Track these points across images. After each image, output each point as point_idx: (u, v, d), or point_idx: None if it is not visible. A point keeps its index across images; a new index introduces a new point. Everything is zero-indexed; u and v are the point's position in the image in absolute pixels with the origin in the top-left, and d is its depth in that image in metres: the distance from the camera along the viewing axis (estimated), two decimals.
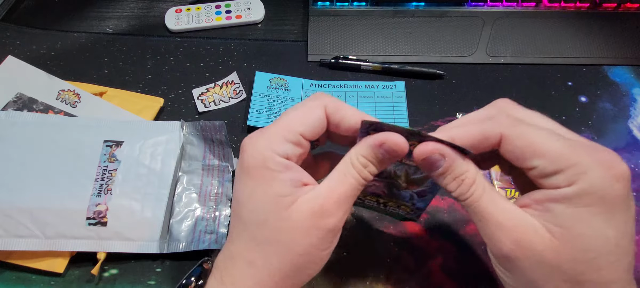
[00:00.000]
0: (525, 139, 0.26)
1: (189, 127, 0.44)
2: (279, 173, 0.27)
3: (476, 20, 0.57)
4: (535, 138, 0.26)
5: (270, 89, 0.50)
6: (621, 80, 0.53)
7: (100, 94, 0.48)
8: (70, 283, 0.37)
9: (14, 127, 0.41)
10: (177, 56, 0.54)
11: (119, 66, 0.53)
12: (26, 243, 0.36)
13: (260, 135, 0.28)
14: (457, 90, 0.52)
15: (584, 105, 0.51)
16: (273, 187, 0.27)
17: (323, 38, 0.56)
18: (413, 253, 0.39)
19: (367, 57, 0.54)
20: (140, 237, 0.38)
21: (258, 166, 0.27)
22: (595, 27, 0.56)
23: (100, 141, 0.41)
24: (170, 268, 0.38)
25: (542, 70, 0.54)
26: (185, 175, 0.42)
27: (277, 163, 0.27)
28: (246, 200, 0.28)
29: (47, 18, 0.58)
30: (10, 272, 0.38)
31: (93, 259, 0.37)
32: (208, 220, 0.40)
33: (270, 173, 0.27)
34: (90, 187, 0.38)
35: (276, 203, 0.27)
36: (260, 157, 0.27)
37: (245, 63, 0.54)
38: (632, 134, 0.48)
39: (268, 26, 0.59)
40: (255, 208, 0.27)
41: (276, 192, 0.27)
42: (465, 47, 0.55)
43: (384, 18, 0.57)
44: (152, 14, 0.59)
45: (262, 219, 0.27)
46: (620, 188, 0.25)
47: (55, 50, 0.54)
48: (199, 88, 0.51)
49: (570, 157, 0.25)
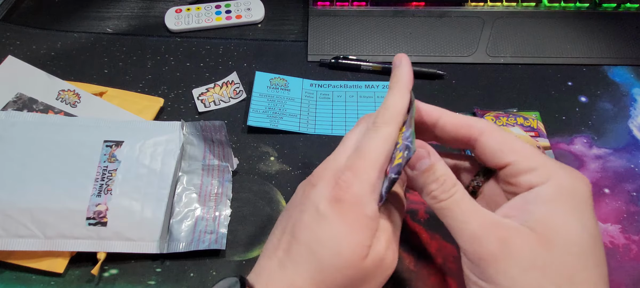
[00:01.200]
0: (503, 137, 0.29)
1: (189, 127, 0.44)
2: (372, 221, 0.28)
3: (476, 20, 0.57)
4: (511, 138, 0.29)
5: (270, 88, 0.50)
6: (621, 80, 0.53)
7: (100, 94, 0.48)
8: (70, 283, 0.37)
9: (14, 127, 0.41)
10: (177, 56, 0.54)
11: (119, 66, 0.53)
12: (26, 243, 0.36)
13: (355, 175, 0.28)
14: (457, 90, 0.52)
15: (584, 105, 0.51)
16: (360, 233, 0.27)
17: (323, 38, 0.56)
18: (413, 253, 0.39)
19: (367, 57, 0.54)
20: (140, 237, 0.38)
21: (354, 210, 0.27)
22: (595, 27, 0.56)
23: (100, 141, 0.41)
24: (170, 268, 0.38)
25: (542, 70, 0.54)
26: (185, 175, 0.42)
27: (374, 211, 0.28)
28: (327, 240, 0.27)
29: (47, 18, 0.58)
30: (10, 272, 0.38)
31: (93, 259, 0.37)
32: (208, 220, 0.40)
33: (368, 221, 0.27)
34: (90, 187, 0.38)
35: (358, 253, 0.27)
36: (358, 201, 0.27)
37: (245, 63, 0.54)
38: (632, 134, 0.48)
39: (268, 26, 0.59)
40: (339, 252, 0.27)
41: (360, 241, 0.27)
42: (465, 47, 0.55)
43: (384, 18, 0.57)
44: (152, 14, 0.59)
45: (342, 265, 0.27)
46: (586, 190, 0.27)
47: (55, 50, 0.54)
48: (199, 88, 0.51)
49: (542, 158, 0.28)
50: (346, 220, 0.27)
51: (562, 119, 0.49)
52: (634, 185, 0.44)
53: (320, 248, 0.27)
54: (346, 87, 0.52)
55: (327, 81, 0.52)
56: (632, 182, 0.45)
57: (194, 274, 0.38)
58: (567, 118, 0.49)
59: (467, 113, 0.48)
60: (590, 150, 0.47)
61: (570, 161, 0.46)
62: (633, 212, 0.42)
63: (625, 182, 0.44)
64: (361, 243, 0.27)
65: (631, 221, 0.42)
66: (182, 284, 0.37)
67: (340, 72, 0.54)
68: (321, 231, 0.27)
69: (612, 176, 0.45)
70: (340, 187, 0.27)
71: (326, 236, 0.27)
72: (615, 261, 0.39)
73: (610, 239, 0.41)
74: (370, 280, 0.28)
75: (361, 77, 0.53)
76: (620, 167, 0.46)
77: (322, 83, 0.52)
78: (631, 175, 0.45)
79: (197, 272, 0.38)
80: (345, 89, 0.51)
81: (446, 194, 0.27)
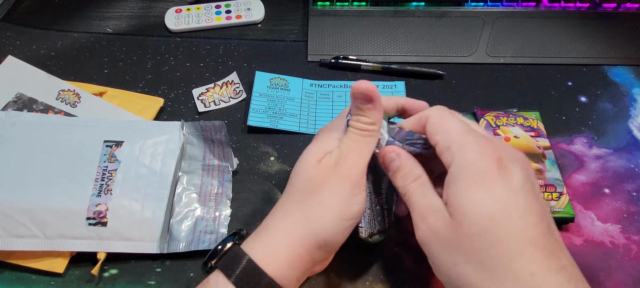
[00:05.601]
0: (438, 118, 0.31)
1: (189, 127, 0.44)
2: (331, 141, 0.34)
3: (476, 20, 0.57)
4: (445, 120, 0.31)
5: (270, 88, 0.50)
6: (621, 80, 0.53)
7: (100, 94, 0.48)
8: (70, 283, 0.37)
9: (14, 127, 0.41)
10: (177, 56, 0.54)
11: (119, 66, 0.53)
12: (26, 243, 0.36)
13: None
14: (457, 90, 0.52)
15: (584, 105, 0.51)
16: (318, 148, 0.33)
17: (323, 38, 0.56)
18: (413, 253, 0.39)
19: (367, 57, 0.54)
20: (140, 237, 0.38)
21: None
22: (595, 27, 0.56)
23: (100, 141, 0.41)
24: (170, 268, 0.38)
25: (542, 70, 0.54)
26: (185, 175, 0.42)
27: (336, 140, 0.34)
28: (298, 162, 0.34)
29: (47, 18, 0.58)
30: (10, 272, 0.38)
31: (93, 259, 0.37)
32: (208, 220, 0.40)
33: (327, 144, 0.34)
34: (90, 187, 0.38)
35: (313, 165, 0.32)
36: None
37: (245, 63, 0.54)
38: (632, 134, 0.48)
39: (268, 26, 0.59)
40: (301, 160, 0.33)
41: (315, 152, 0.33)
42: (465, 47, 0.55)
43: (384, 18, 0.57)
44: (152, 14, 0.59)
45: (303, 177, 0.33)
46: (494, 167, 0.28)
47: (55, 50, 0.54)
48: (199, 88, 0.51)
49: (460, 138, 0.29)
50: (314, 143, 0.34)
51: (562, 119, 0.49)
52: (634, 185, 0.44)
53: (293, 172, 0.34)
54: (346, 87, 0.52)
55: (327, 81, 0.52)
56: (632, 182, 0.45)
57: (194, 274, 0.38)
58: (567, 118, 0.49)
59: (468, 113, 0.48)
60: (590, 150, 0.47)
61: (571, 161, 0.46)
62: (633, 212, 0.42)
63: (625, 182, 0.44)
64: (317, 153, 0.33)
65: (631, 221, 0.42)
66: (182, 284, 0.37)
67: (340, 72, 0.54)
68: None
69: (612, 176, 0.45)
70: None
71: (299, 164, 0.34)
72: (615, 261, 0.39)
73: (610, 239, 0.41)
74: (327, 184, 0.31)
75: (361, 77, 0.53)
76: (620, 167, 0.46)
77: (322, 83, 0.52)
78: (631, 175, 0.45)
79: (197, 272, 0.38)
80: (346, 89, 0.51)
81: (405, 188, 0.32)
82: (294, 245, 0.31)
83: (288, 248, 0.31)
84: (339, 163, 0.32)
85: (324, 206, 0.31)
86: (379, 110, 0.32)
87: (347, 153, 0.32)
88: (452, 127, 0.30)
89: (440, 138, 0.30)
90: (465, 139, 0.29)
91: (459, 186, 0.28)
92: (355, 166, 0.32)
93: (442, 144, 0.30)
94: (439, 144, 0.30)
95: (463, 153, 0.29)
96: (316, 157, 0.33)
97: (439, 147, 0.30)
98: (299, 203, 0.32)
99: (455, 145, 0.29)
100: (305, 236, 0.31)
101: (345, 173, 0.31)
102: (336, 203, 0.31)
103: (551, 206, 0.41)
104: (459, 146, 0.29)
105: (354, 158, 0.32)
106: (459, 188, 0.28)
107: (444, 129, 0.30)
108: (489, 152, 0.28)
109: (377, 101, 0.32)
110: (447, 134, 0.30)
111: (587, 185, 0.44)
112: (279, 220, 0.32)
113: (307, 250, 0.31)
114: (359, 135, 0.32)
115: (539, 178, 0.42)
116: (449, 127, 0.30)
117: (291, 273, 0.31)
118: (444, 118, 0.31)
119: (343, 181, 0.31)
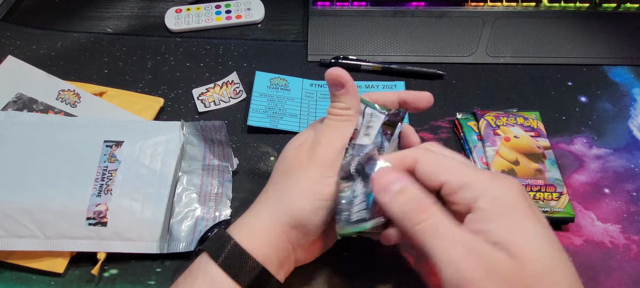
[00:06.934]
0: (434, 159, 0.30)
1: (189, 127, 0.44)
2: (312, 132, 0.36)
3: (476, 20, 0.57)
4: (443, 159, 0.30)
5: (270, 88, 0.50)
6: (621, 80, 0.53)
7: (100, 94, 0.48)
8: (70, 283, 0.37)
9: (14, 127, 0.41)
10: (177, 56, 0.54)
11: (119, 66, 0.53)
12: (26, 243, 0.36)
13: None
14: (457, 90, 0.52)
15: (584, 105, 0.51)
16: (301, 137, 0.36)
17: (323, 38, 0.56)
18: (413, 253, 0.39)
19: (367, 57, 0.54)
20: (140, 237, 0.38)
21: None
22: (595, 27, 0.56)
23: (100, 141, 0.41)
24: (170, 268, 0.38)
25: (542, 70, 0.54)
26: (185, 175, 0.42)
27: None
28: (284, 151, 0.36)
29: (47, 18, 0.58)
30: (10, 272, 0.38)
31: (93, 259, 0.37)
32: (208, 220, 0.40)
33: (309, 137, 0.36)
34: (90, 187, 0.38)
35: (292, 149, 0.35)
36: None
37: (245, 63, 0.54)
38: (632, 134, 0.48)
39: (268, 26, 0.59)
40: (281, 155, 0.36)
41: (298, 140, 0.35)
42: (465, 47, 0.55)
43: (384, 18, 0.57)
44: (152, 14, 0.59)
45: (282, 161, 0.35)
46: (523, 198, 0.27)
47: (55, 50, 0.54)
48: (199, 88, 0.51)
49: (473, 174, 0.28)
50: (300, 132, 0.37)
51: (562, 119, 0.49)
52: (634, 185, 0.44)
53: (278, 158, 0.36)
54: None
55: None
56: (632, 182, 0.45)
57: None
58: (567, 118, 0.49)
59: (468, 113, 0.48)
60: (590, 150, 0.47)
61: (570, 161, 0.46)
62: (633, 212, 0.42)
63: (625, 182, 0.44)
64: (299, 138, 0.35)
65: (631, 221, 0.42)
66: None
67: None
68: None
69: (612, 176, 0.45)
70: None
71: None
72: (615, 261, 0.39)
73: (610, 239, 0.41)
74: (302, 166, 0.33)
75: (361, 77, 0.53)
76: (620, 167, 0.46)
77: (322, 83, 0.52)
78: (631, 175, 0.45)
79: None
80: None
81: (421, 217, 0.27)
82: (272, 224, 0.33)
83: (265, 226, 0.33)
84: (313, 147, 0.33)
85: (298, 187, 0.33)
86: (353, 94, 0.34)
87: (322, 137, 0.34)
88: (455, 164, 0.29)
89: (449, 177, 0.28)
90: (479, 175, 0.28)
91: (506, 222, 0.26)
92: (327, 149, 0.33)
93: (455, 183, 0.28)
94: (449, 184, 0.28)
95: (489, 190, 0.27)
96: (297, 142, 0.35)
97: (450, 186, 0.28)
98: (278, 185, 0.34)
99: (473, 182, 0.28)
100: (281, 215, 0.32)
101: (318, 155, 0.33)
102: (308, 183, 0.32)
103: (551, 206, 0.41)
104: (478, 182, 0.28)
105: (327, 141, 0.33)
106: (509, 224, 0.26)
107: (448, 168, 0.29)
108: (507, 185, 0.27)
109: (348, 86, 0.33)
110: (455, 173, 0.28)
111: (587, 185, 0.44)
112: (261, 202, 0.35)
113: (283, 230, 0.32)
114: (334, 120, 0.34)
115: (539, 179, 0.42)
116: (451, 165, 0.29)
117: (269, 252, 0.32)
118: (441, 157, 0.30)
119: (315, 163, 0.33)
